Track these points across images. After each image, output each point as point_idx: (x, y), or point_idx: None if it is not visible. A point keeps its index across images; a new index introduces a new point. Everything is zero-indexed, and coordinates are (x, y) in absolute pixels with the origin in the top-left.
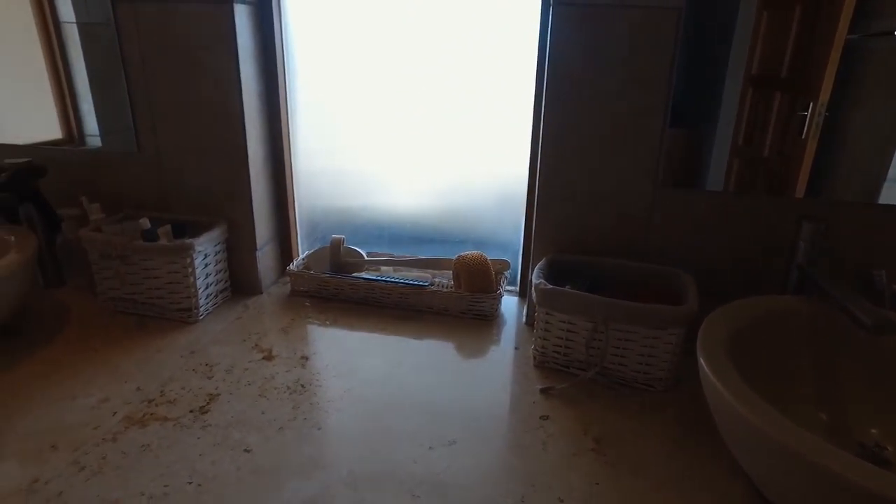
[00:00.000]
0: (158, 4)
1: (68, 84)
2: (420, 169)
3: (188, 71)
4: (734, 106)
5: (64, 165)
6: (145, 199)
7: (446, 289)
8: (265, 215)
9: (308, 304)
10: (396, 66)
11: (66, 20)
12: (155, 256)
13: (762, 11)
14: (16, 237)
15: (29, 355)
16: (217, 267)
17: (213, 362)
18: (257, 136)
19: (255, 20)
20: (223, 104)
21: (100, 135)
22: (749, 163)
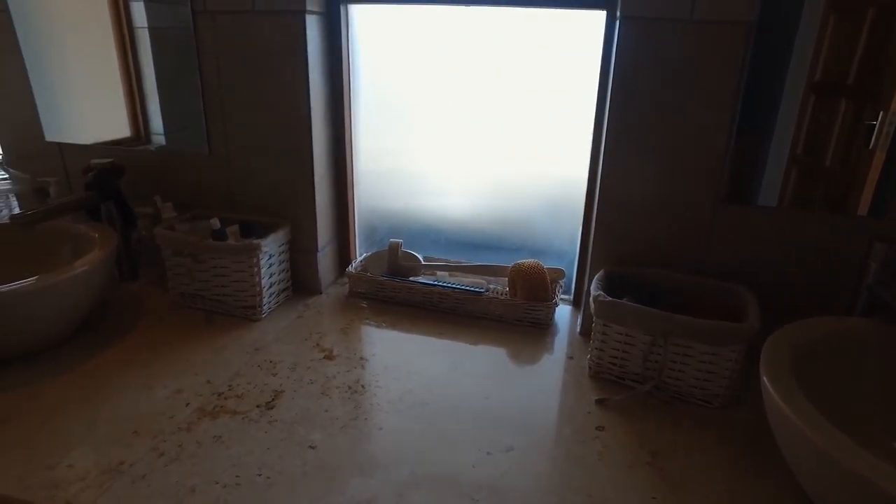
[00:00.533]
0: (235, 16)
1: (138, 86)
2: (478, 176)
3: (260, 77)
4: (794, 114)
5: (141, 165)
6: (214, 200)
7: (502, 296)
8: (326, 217)
9: (365, 306)
10: (457, 72)
11: (139, 25)
12: (224, 255)
13: (829, 14)
14: (99, 234)
15: (108, 346)
16: (280, 267)
17: (277, 360)
18: (322, 140)
19: (324, 29)
20: (292, 109)
21: (164, 133)
22: (809, 175)
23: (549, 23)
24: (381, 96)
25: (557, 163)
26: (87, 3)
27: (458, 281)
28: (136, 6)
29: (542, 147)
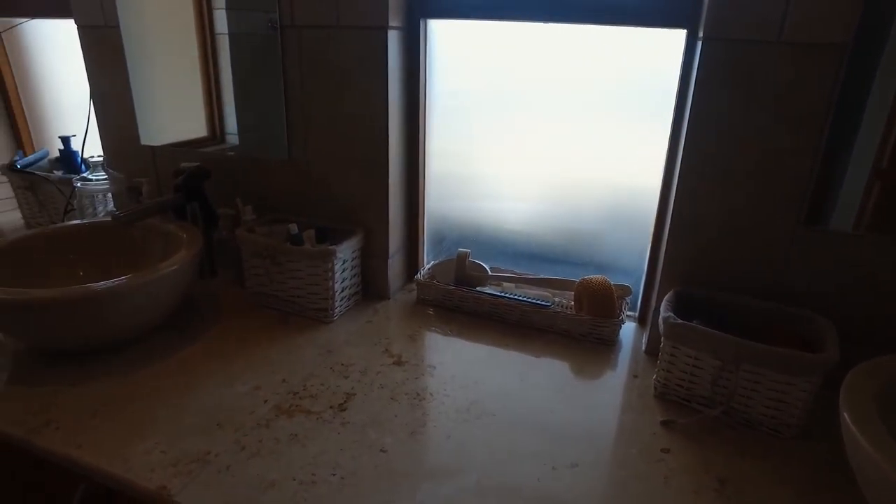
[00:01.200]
0: (321, 30)
1: (216, 88)
2: (548, 188)
3: (341, 89)
4: (880, 129)
5: (224, 169)
6: (292, 204)
7: (567, 310)
8: (398, 225)
9: (432, 313)
10: (530, 80)
11: (220, 32)
12: (300, 259)
13: None
14: (186, 235)
15: (192, 339)
16: (353, 272)
17: (348, 363)
18: (397, 151)
19: (403, 43)
20: (370, 120)
21: (237, 133)
22: (892, 195)
23: (627, 39)
24: (454, 105)
25: (629, 177)
26: (176, 12)
27: (524, 293)
28: (218, 14)
29: (614, 161)
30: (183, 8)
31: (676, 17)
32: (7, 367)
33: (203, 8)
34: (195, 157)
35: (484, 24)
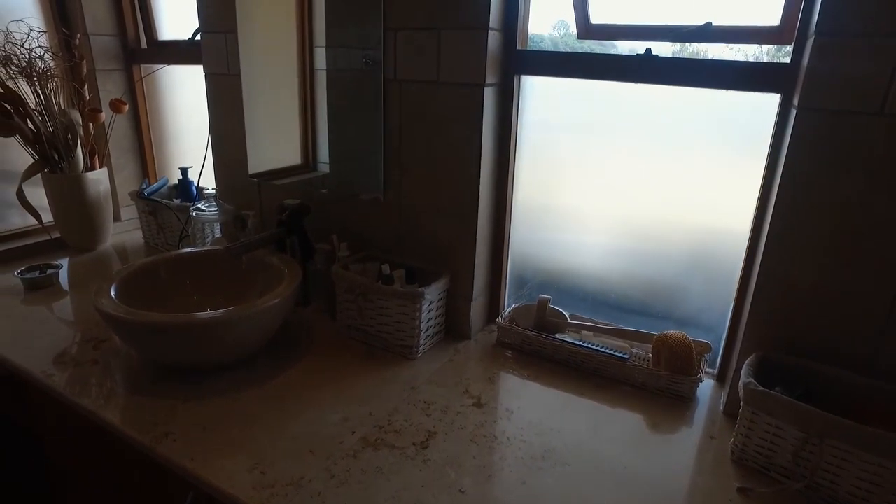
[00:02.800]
0: (422, 85)
1: (312, 120)
2: (632, 238)
3: (436, 137)
4: None
5: (323, 205)
6: (384, 242)
7: (645, 363)
8: (483, 269)
9: (510, 356)
10: (619, 132)
11: (319, 68)
12: (390, 298)
13: None
14: (287, 269)
15: (286, 367)
16: (437, 312)
17: (430, 400)
18: (486, 198)
19: (498, 98)
20: (463, 168)
21: (329, 163)
22: None
23: (719, 99)
24: (542, 154)
25: (715, 226)
26: (284, 51)
27: (602, 343)
28: (318, 51)
29: (702, 206)
30: (288, 47)
31: (771, 82)
32: (134, 378)
33: (305, 47)
34: (297, 195)
35: (575, 80)
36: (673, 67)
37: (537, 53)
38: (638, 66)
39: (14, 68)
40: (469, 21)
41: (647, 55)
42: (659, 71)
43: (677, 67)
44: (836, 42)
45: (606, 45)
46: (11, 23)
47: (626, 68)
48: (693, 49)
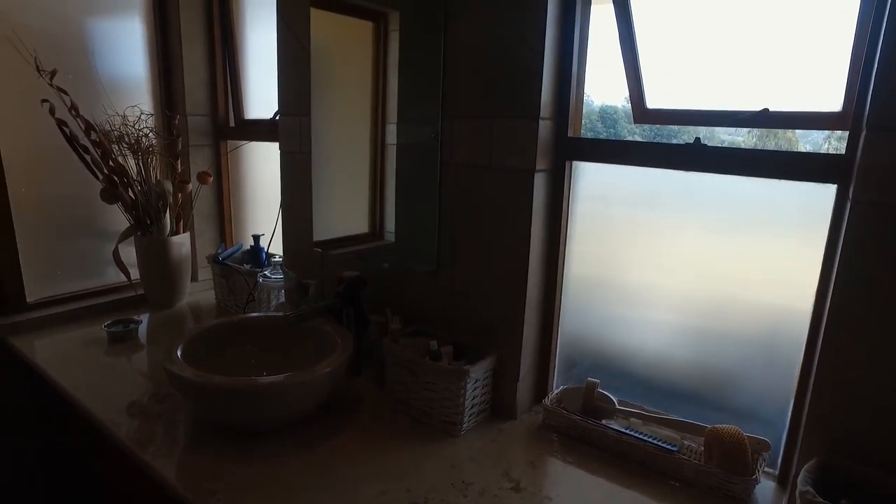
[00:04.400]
0: (475, 168)
1: (381, 191)
2: (688, 319)
3: (488, 218)
4: None
5: (379, 279)
6: (435, 317)
7: (696, 457)
8: (530, 349)
9: (556, 440)
10: (673, 213)
11: (390, 142)
12: (436, 375)
13: None
14: (341, 340)
15: (333, 434)
16: (483, 390)
17: (468, 481)
18: (536, 280)
19: (548, 183)
20: (512, 249)
21: (394, 233)
22: None
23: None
24: (596, 230)
25: (774, 312)
26: (357, 128)
27: (651, 432)
28: (390, 127)
29: (760, 289)
30: (363, 123)
31: (825, 173)
32: (190, 435)
33: (378, 122)
34: (356, 267)
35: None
36: (722, 157)
37: (588, 141)
38: (687, 155)
39: (125, 146)
40: (520, 111)
41: (696, 144)
42: (709, 160)
43: (727, 157)
44: (888, 137)
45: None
46: (128, 108)
47: (676, 157)
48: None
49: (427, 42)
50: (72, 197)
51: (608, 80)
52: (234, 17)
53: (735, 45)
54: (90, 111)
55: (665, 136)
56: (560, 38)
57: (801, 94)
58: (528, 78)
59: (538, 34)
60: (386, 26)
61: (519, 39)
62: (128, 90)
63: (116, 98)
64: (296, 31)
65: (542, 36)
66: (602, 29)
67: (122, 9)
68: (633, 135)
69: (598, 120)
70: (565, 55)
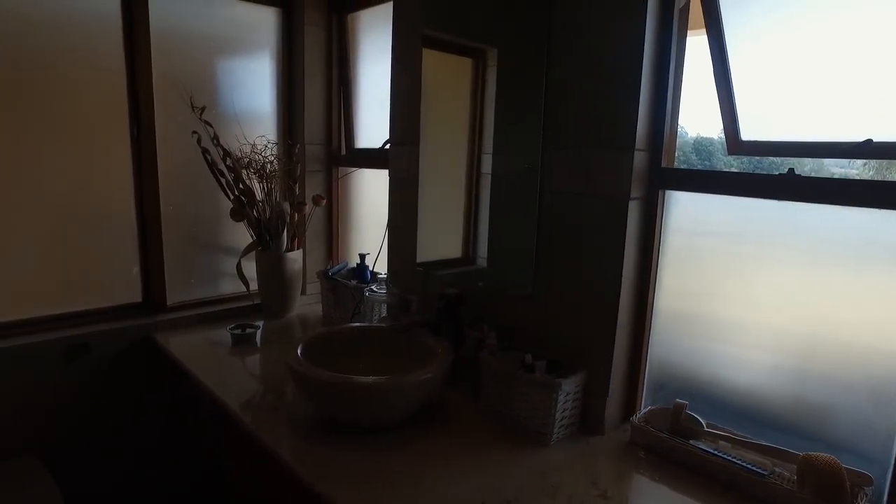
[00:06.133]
0: (572, 196)
1: (475, 218)
2: (783, 354)
3: (583, 244)
4: None
5: (476, 295)
6: (529, 335)
7: (788, 483)
8: (620, 367)
9: (643, 457)
10: (772, 246)
11: (485, 171)
12: (529, 386)
13: None
14: (441, 350)
15: (429, 437)
16: (573, 404)
17: (557, 485)
18: (627, 301)
19: (642, 210)
20: (605, 274)
21: (486, 257)
22: None
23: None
24: (689, 260)
25: (877, 341)
26: (456, 159)
27: (740, 455)
28: (485, 157)
29: (861, 319)
30: (460, 154)
31: None
32: (302, 426)
33: (475, 153)
34: (455, 285)
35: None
36: (818, 187)
37: (681, 172)
38: (781, 186)
39: (252, 171)
40: (617, 143)
41: (789, 175)
42: (804, 190)
43: (822, 187)
44: None
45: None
46: (256, 137)
47: (770, 187)
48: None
49: (526, 77)
50: (205, 215)
51: (703, 112)
52: (350, 56)
53: (836, 73)
54: (225, 140)
55: (766, 168)
56: (655, 71)
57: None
58: (625, 112)
59: (634, 69)
60: (484, 62)
61: (616, 75)
62: (256, 121)
63: (247, 128)
64: (408, 70)
65: (638, 71)
66: (697, 60)
67: (257, 50)
68: (729, 167)
69: (693, 151)
70: (660, 89)
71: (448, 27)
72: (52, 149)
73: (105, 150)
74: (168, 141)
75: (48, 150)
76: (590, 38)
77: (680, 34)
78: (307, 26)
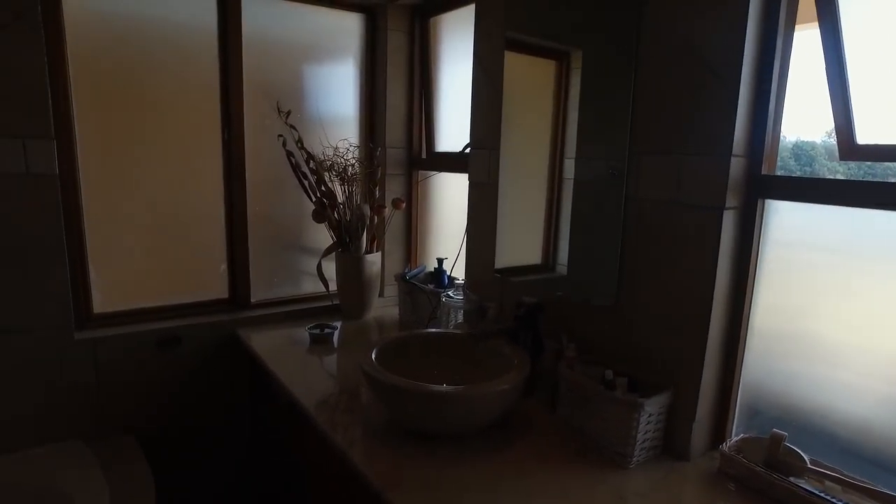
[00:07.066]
0: (660, 204)
1: (555, 224)
2: (891, 393)
3: (672, 255)
4: None
5: (556, 305)
6: (611, 349)
7: None
8: (709, 389)
9: (733, 489)
10: (887, 262)
11: (567, 177)
12: (610, 403)
13: None
14: (518, 360)
15: (501, 449)
16: (656, 426)
17: None
18: (719, 318)
19: (738, 221)
20: (696, 287)
21: (567, 265)
22: None
23: None
24: (791, 276)
25: None
26: (537, 164)
27: (852, 501)
28: (567, 162)
29: None
30: (542, 158)
31: None
32: (375, 430)
33: (557, 158)
34: (534, 293)
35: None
36: None
37: (783, 179)
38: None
39: (334, 174)
40: (712, 148)
41: None
42: None
43: None
44: None
45: None
46: (339, 141)
47: (888, 196)
48: None
49: (613, 79)
50: (289, 216)
51: (805, 114)
52: (431, 60)
53: None
54: (309, 143)
55: (879, 174)
56: (757, 70)
57: None
58: (721, 114)
59: (734, 69)
60: (568, 64)
61: (713, 75)
62: (339, 125)
63: (330, 132)
64: (490, 73)
65: (738, 70)
66: (800, 58)
67: (341, 56)
68: (834, 173)
69: (791, 157)
70: (762, 89)
71: (532, 29)
72: (152, 152)
73: (199, 153)
74: (255, 144)
75: (149, 153)
76: (684, 33)
77: (787, 27)
78: (390, 31)
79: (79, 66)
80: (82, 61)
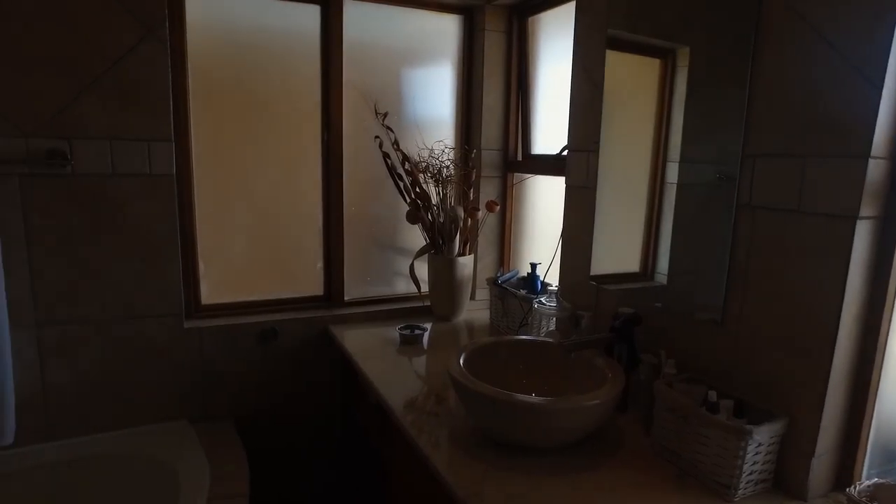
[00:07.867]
0: (778, 212)
1: (656, 231)
2: None
3: (791, 268)
4: None
5: (654, 318)
6: (714, 367)
7: None
8: (834, 421)
9: None
10: None
11: (670, 181)
12: (712, 428)
13: None
14: (612, 374)
15: (590, 467)
16: (766, 458)
17: None
18: (847, 341)
19: (875, 233)
20: (820, 306)
21: (667, 274)
22: None
23: None
24: None
25: None
26: (637, 166)
27: None
28: (670, 166)
29: None
30: (643, 162)
31: None
32: (460, 436)
33: (659, 161)
34: (631, 303)
35: None
36: None
37: None
38: None
39: (429, 175)
40: (845, 149)
41: None
42: None
43: None
44: None
45: None
46: (435, 143)
47: None
48: None
49: (726, 74)
50: (383, 217)
51: None
52: (529, 60)
53: None
54: (405, 145)
55: None
56: None
57: None
58: (859, 110)
59: (878, 56)
60: (674, 62)
61: (851, 68)
62: (435, 126)
63: (426, 133)
64: (591, 72)
65: (883, 58)
66: None
67: (438, 58)
68: None
69: None
70: None
71: (635, 27)
72: (257, 153)
73: (300, 155)
74: (353, 146)
75: (254, 154)
76: (814, 17)
77: None
78: (487, 31)
79: (195, 72)
80: (198, 67)
